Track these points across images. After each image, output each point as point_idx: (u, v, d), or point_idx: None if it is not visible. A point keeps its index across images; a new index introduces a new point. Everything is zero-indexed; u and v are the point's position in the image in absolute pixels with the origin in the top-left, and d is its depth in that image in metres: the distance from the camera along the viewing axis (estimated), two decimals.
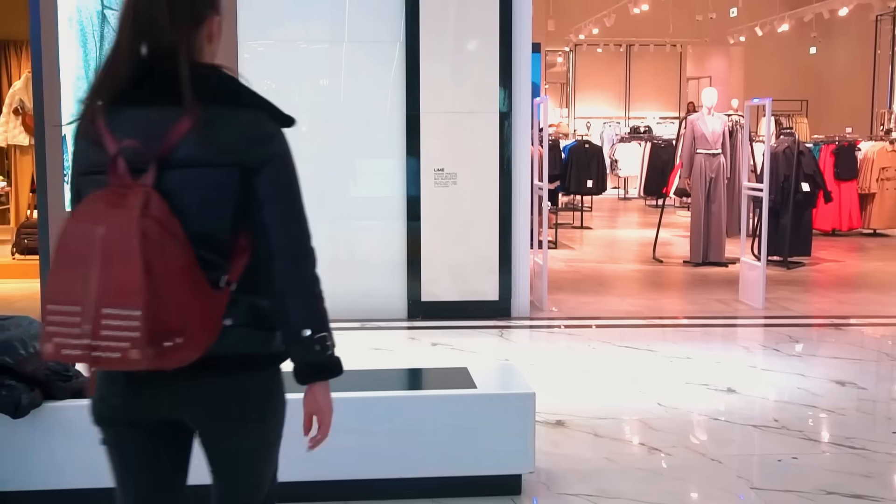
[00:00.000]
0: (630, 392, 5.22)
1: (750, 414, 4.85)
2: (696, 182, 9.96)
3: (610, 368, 5.77)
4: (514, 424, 3.58)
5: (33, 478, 3.41)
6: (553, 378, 5.50)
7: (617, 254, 11.42)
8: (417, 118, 6.93)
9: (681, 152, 10.54)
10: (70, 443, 3.40)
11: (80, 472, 3.41)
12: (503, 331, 6.69)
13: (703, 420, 4.77)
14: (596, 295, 8.34)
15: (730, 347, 6.51)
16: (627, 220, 16.25)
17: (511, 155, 7.05)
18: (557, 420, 4.63)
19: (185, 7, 1.87)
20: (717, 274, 9.54)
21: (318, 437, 1.95)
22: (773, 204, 9.30)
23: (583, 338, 6.60)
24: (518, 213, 7.09)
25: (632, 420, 4.75)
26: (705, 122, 9.95)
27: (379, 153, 7.06)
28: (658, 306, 7.88)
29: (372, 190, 7.07)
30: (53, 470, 3.41)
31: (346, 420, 3.54)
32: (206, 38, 1.94)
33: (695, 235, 10.07)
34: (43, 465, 3.41)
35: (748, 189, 8.40)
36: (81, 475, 3.41)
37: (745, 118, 9.16)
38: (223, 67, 1.95)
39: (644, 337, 6.64)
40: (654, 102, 22.60)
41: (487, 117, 7.01)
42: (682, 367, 5.79)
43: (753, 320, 7.38)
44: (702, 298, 8.21)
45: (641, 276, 9.57)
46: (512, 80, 7.01)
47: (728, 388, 5.31)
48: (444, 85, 6.98)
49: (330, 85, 7.08)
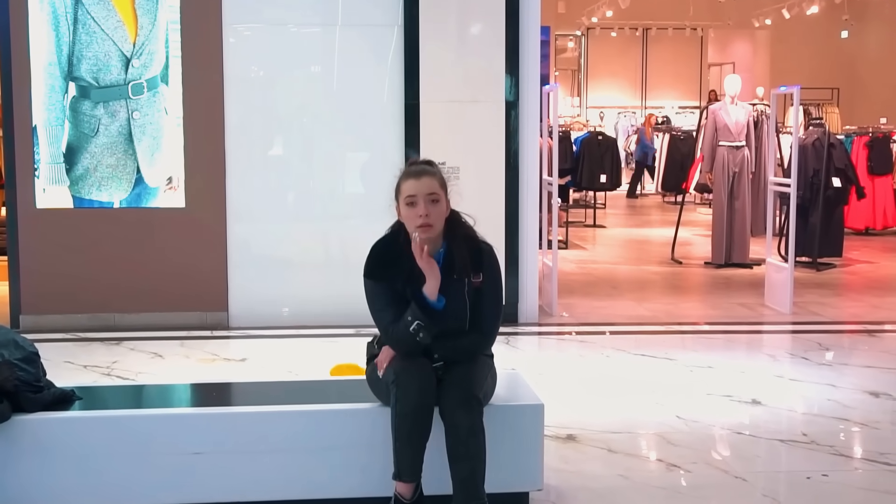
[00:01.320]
0: (647, 404, 5.21)
1: (776, 428, 4.84)
2: (719, 177, 9.95)
3: (625, 378, 5.76)
4: (522, 439, 3.58)
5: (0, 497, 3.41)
6: (563, 388, 5.49)
7: (632, 254, 11.41)
8: (417, 108, 6.92)
9: (701, 145, 10.54)
10: (41, 459, 3.40)
11: (51, 492, 3.41)
12: (510, 337, 6.69)
13: (725, 434, 4.76)
14: (610, 299, 8.33)
15: (755, 356, 6.50)
16: (644, 218, 16.25)
17: (518, 148, 7.05)
18: (568, 434, 4.63)
19: None
20: (741, 276, 9.53)
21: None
22: (801, 200, 9.28)
23: (595, 345, 6.60)
24: (526, 210, 7.09)
25: (648, 434, 4.75)
26: (728, 112, 9.94)
27: (375, 146, 7.06)
28: (677, 311, 7.87)
29: (367, 186, 7.07)
30: (22, 489, 3.41)
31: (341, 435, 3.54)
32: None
33: (717, 235, 10.06)
34: (11, 484, 3.41)
35: (774, 184, 8.39)
36: (53, 495, 3.41)
37: (771, 107, 9.16)
38: None
39: (662, 344, 6.64)
40: (672, 91, 22.60)
41: (492, 107, 7.01)
42: (703, 377, 5.78)
43: (780, 326, 7.38)
44: (724, 303, 8.20)
45: (659, 279, 9.56)
46: (519, 66, 7.00)
47: (753, 399, 5.30)
48: (446, 72, 6.98)
49: (322, 72, 7.07)
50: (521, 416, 3.60)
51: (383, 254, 3.48)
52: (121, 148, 6.80)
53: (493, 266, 3.52)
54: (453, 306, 3.44)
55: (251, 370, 5.89)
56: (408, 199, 3.39)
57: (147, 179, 6.88)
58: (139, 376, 5.66)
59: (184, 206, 6.92)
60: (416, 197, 3.38)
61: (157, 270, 6.93)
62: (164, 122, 6.86)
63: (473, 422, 3.29)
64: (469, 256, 3.46)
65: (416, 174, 3.42)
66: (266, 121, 7.02)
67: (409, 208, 3.39)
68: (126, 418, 3.54)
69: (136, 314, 6.93)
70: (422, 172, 3.42)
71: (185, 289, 6.95)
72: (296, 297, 7.01)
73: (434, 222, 3.40)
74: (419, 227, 3.38)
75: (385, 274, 3.44)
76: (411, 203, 3.39)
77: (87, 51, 6.71)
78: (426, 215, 3.38)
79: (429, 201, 3.39)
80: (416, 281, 3.41)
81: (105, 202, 6.87)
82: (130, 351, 6.30)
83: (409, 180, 3.41)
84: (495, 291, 3.53)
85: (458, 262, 3.43)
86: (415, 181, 3.40)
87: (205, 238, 6.94)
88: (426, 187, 3.39)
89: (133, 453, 3.46)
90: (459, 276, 3.43)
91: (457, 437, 3.28)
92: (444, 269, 3.43)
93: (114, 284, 6.92)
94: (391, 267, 3.44)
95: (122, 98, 6.76)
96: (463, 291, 3.45)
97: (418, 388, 3.29)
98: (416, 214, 3.38)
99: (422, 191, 3.38)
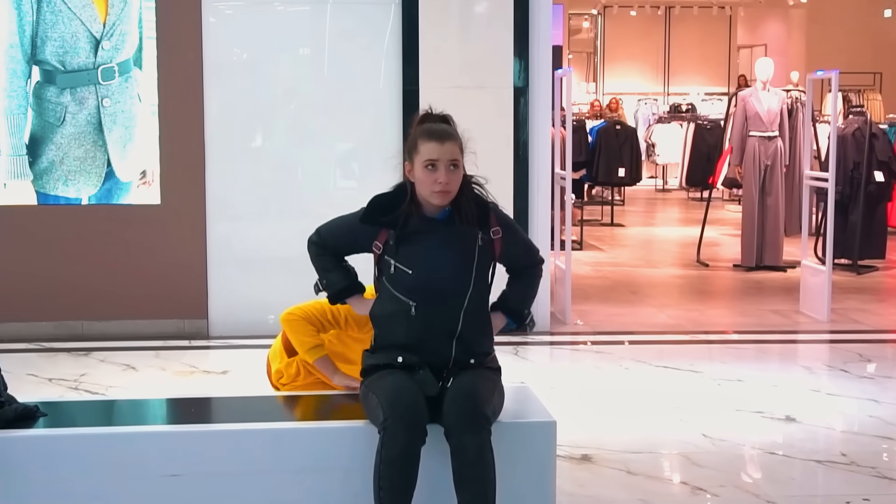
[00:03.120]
0: (669, 421, 5.21)
1: (813, 447, 4.84)
2: (749, 170, 9.95)
3: (645, 393, 5.76)
4: (532, 459, 3.57)
5: None
6: (577, 404, 5.49)
7: (654, 256, 11.41)
8: (416, 95, 6.92)
9: (730, 135, 10.53)
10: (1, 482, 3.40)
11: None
12: (518, 348, 6.69)
13: (756, 454, 4.76)
14: (629, 305, 8.33)
15: (789, 368, 6.50)
16: (666, 215, 16.24)
17: (528, 138, 7.05)
18: (583, 454, 4.63)
19: None
20: (774, 280, 9.53)
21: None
22: (839, 197, 9.28)
23: (613, 356, 6.60)
24: (536, 207, 7.09)
25: (671, 454, 4.75)
26: (759, 99, 9.93)
27: (369, 136, 7.06)
28: (703, 319, 7.87)
29: (361, 180, 7.08)
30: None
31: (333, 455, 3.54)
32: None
33: (747, 234, 10.06)
34: None
35: (810, 179, 8.39)
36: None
37: (806, 94, 9.15)
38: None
39: (686, 355, 6.64)
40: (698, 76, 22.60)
41: (499, 93, 7.01)
42: (731, 392, 5.78)
43: (817, 335, 7.37)
44: (755, 309, 8.20)
45: (683, 283, 9.56)
46: (529, 49, 7.00)
47: (787, 416, 5.30)
48: (448, 55, 6.98)
49: (311, 55, 7.08)
50: (530, 434, 3.59)
51: (383, 202, 3.56)
52: (89, 139, 6.81)
53: (504, 218, 3.65)
54: (458, 256, 3.50)
55: (233, 384, 5.90)
56: (427, 162, 3.44)
57: (118, 173, 6.88)
58: (110, 390, 5.66)
59: (159, 203, 6.92)
60: (438, 162, 3.44)
61: (130, 274, 6.93)
62: (138, 110, 6.86)
63: (482, 442, 3.30)
64: (476, 212, 3.53)
65: (439, 137, 3.47)
66: (250, 108, 7.02)
67: (428, 172, 3.44)
68: (95, 437, 3.53)
69: (106, 322, 6.93)
70: (445, 136, 3.49)
71: (160, 294, 6.95)
72: (283, 304, 6.95)
73: (452, 189, 3.47)
74: (438, 192, 3.44)
75: (383, 216, 3.53)
76: (430, 167, 3.44)
77: (52, 31, 6.72)
78: (446, 182, 3.43)
79: (449, 167, 3.44)
80: (407, 230, 3.49)
81: (72, 198, 6.87)
82: (100, 362, 6.30)
83: (432, 143, 3.46)
84: (518, 232, 3.73)
85: (463, 213, 3.50)
86: (438, 145, 3.45)
87: (182, 238, 6.95)
88: (449, 153, 3.46)
89: (103, 476, 3.45)
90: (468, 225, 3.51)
91: (464, 459, 3.28)
92: (448, 222, 3.51)
93: (82, 289, 6.92)
94: (392, 211, 3.51)
95: (91, 84, 6.77)
96: (473, 244, 3.51)
97: (407, 428, 3.29)
98: (434, 180, 3.43)
99: (444, 156, 3.44)
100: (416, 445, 3.29)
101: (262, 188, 7.04)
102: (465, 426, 3.31)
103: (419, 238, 3.49)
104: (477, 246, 3.52)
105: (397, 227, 3.49)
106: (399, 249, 3.49)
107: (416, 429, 3.30)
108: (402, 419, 3.29)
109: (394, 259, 3.50)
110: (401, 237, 3.49)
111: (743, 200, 10.41)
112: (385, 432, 3.28)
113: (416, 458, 3.29)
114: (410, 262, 3.48)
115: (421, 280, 3.47)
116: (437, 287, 3.47)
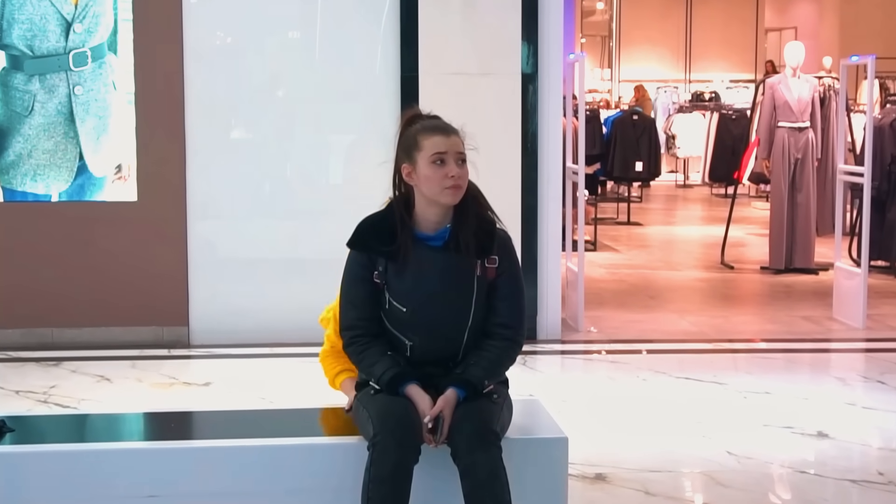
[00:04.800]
0: (691, 437, 5.21)
1: (847, 465, 4.84)
2: (778, 164, 9.95)
3: (665, 406, 5.76)
4: (541, 479, 3.57)
5: None
6: (591, 418, 5.49)
7: (674, 258, 11.41)
8: (415, 82, 6.93)
9: (757, 126, 10.52)
10: None
11: None
12: (527, 357, 6.69)
13: (786, 473, 4.76)
14: (647, 311, 8.33)
15: (821, 379, 6.49)
16: (688, 213, 16.24)
17: (537, 129, 7.05)
18: (597, 473, 4.63)
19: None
20: (805, 283, 9.52)
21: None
22: (876, 192, 9.28)
23: (630, 366, 6.60)
24: (546, 205, 7.09)
25: (693, 473, 4.75)
26: (789, 87, 9.94)
27: (365, 127, 7.07)
28: (728, 326, 7.87)
29: (356, 175, 7.07)
30: None
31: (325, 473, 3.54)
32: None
33: (775, 234, 10.06)
34: None
35: (845, 173, 8.39)
36: None
37: (840, 81, 9.15)
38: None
39: (709, 366, 6.64)
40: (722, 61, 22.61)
41: (506, 80, 7.01)
42: (758, 405, 5.78)
43: (851, 344, 7.37)
44: (785, 316, 8.20)
45: (706, 287, 9.56)
46: (538, 32, 7.00)
47: (818, 431, 5.30)
48: (450, 38, 6.98)
49: (301, 39, 7.08)
50: (541, 451, 3.59)
51: (373, 225, 3.53)
52: (60, 130, 6.81)
53: (508, 250, 3.56)
54: (455, 290, 3.47)
55: (216, 396, 5.90)
56: (436, 156, 3.42)
57: (92, 167, 6.89)
58: (82, 404, 5.67)
59: (136, 200, 6.92)
60: (447, 155, 3.43)
61: (104, 277, 6.93)
62: (112, 99, 6.87)
63: (494, 461, 3.30)
64: (477, 237, 3.48)
65: (443, 129, 3.48)
66: (235, 97, 7.03)
67: (436, 167, 3.42)
68: (66, 455, 3.53)
69: (78, 329, 6.93)
70: (449, 128, 3.50)
71: (137, 299, 6.95)
72: (270, 309, 7.01)
73: (464, 185, 3.46)
74: (450, 188, 3.42)
75: (372, 245, 3.49)
76: (440, 161, 3.43)
77: (19, 13, 6.73)
78: (458, 175, 3.43)
79: (458, 161, 3.44)
80: (400, 263, 3.45)
81: (41, 195, 6.88)
82: (72, 373, 6.30)
83: (437, 136, 3.46)
84: (516, 279, 3.57)
85: (461, 241, 3.46)
86: (444, 138, 3.45)
87: (161, 238, 6.95)
88: (455, 145, 3.46)
89: (74, 497, 3.45)
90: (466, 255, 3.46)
91: (476, 480, 3.28)
92: (445, 248, 3.47)
93: (51, 294, 6.92)
94: (380, 239, 3.49)
95: (62, 70, 6.78)
96: (471, 276, 3.48)
97: (398, 444, 3.29)
98: (445, 174, 3.42)
99: (452, 149, 3.45)
100: (407, 463, 3.29)
101: (247, 184, 7.04)
102: (475, 444, 3.31)
103: (413, 271, 3.46)
104: (475, 276, 3.49)
105: (388, 255, 3.47)
106: (392, 283, 3.48)
107: (408, 445, 3.30)
108: (394, 434, 3.29)
109: (388, 293, 3.49)
110: (393, 269, 3.47)
111: (771, 197, 10.41)
112: (375, 449, 3.29)
113: (408, 477, 3.29)
114: (404, 299, 3.47)
115: (416, 318, 3.48)
116: (434, 325, 3.47)
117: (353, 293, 3.55)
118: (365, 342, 3.51)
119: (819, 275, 9.75)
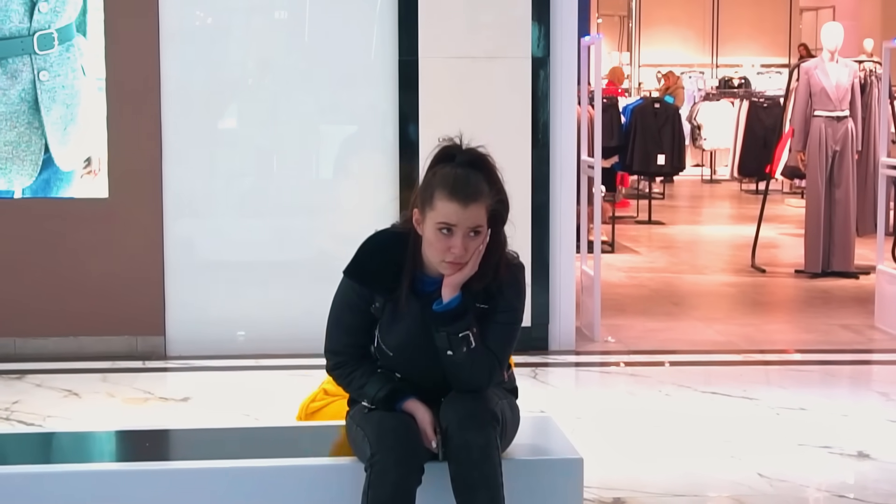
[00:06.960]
0: (719, 457, 5.21)
1: (889, 489, 4.83)
2: (814, 158, 9.95)
3: (690, 423, 5.76)
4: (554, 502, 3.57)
5: None
6: (608, 437, 5.49)
7: (700, 260, 11.41)
8: (415, 66, 6.94)
9: (791, 115, 10.53)
10: None
11: None
12: (537, 370, 6.69)
13: (822, 497, 4.77)
14: (670, 319, 8.34)
15: (861, 394, 6.50)
16: (715, 211, 16.24)
17: (549, 119, 7.05)
18: (615, 497, 4.63)
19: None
20: (844, 289, 9.53)
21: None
22: None
23: (651, 380, 6.60)
24: (559, 202, 7.09)
25: (721, 497, 4.75)
26: (826, 72, 9.94)
27: (359, 116, 7.08)
28: (759, 335, 7.87)
29: (350, 170, 7.09)
30: None
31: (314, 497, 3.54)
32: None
33: (812, 234, 10.06)
34: None
35: (887, 167, 8.39)
36: None
37: (883, 66, 9.15)
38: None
39: (739, 379, 6.64)
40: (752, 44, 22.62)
41: (515, 65, 7.02)
42: (793, 422, 5.78)
43: (895, 355, 7.37)
44: (822, 324, 8.20)
45: (735, 293, 9.56)
46: (550, 12, 7.01)
47: (859, 451, 5.30)
48: (453, 19, 6.99)
49: (290, 19, 7.09)
50: (553, 473, 3.59)
51: (378, 252, 3.50)
52: (23, 119, 6.82)
53: (516, 287, 3.56)
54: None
55: (195, 413, 5.91)
56: (441, 225, 3.34)
57: (58, 161, 6.89)
58: (48, 421, 5.67)
59: (107, 197, 6.93)
60: (456, 228, 3.34)
61: (73, 281, 6.94)
62: (81, 86, 6.88)
63: (489, 441, 3.31)
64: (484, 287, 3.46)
65: (463, 197, 3.33)
66: (215, 84, 7.03)
67: (441, 235, 3.34)
68: (31, 476, 3.54)
69: (43, 339, 6.94)
70: (471, 196, 3.35)
71: (108, 306, 6.96)
72: (254, 317, 7.02)
73: (465, 260, 3.37)
74: (447, 263, 3.37)
75: (371, 277, 3.47)
76: (445, 230, 3.34)
77: None
78: (461, 254, 3.35)
79: (469, 234, 3.35)
80: (395, 308, 3.43)
81: (3, 191, 6.89)
82: (36, 387, 6.31)
83: (453, 204, 3.32)
84: (515, 312, 3.56)
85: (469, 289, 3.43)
86: (459, 208, 3.32)
87: (135, 238, 6.95)
88: (472, 219, 3.34)
89: None
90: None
91: (468, 460, 3.30)
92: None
93: (14, 300, 6.93)
94: (382, 274, 3.45)
95: (26, 53, 6.78)
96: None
97: (398, 463, 3.30)
98: (446, 247, 3.35)
99: (464, 223, 3.34)
100: (409, 484, 3.30)
101: (229, 179, 7.05)
102: (468, 423, 3.32)
103: (406, 322, 3.45)
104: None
105: (386, 292, 3.45)
106: (384, 326, 3.49)
107: (410, 465, 3.31)
108: (393, 453, 3.30)
109: (379, 333, 3.51)
110: (389, 310, 3.47)
111: (807, 193, 10.41)
112: (372, 469, 3.29)
113: (410, 500, 3.30)
114: (392, 344, 3.48)
115: (403, 361, 3.50)
116: (421, 370, 3.49)
117: (345, 319, 3.56)
118: (352, 366, 3.54)
119: (859, 279, 9.75)
